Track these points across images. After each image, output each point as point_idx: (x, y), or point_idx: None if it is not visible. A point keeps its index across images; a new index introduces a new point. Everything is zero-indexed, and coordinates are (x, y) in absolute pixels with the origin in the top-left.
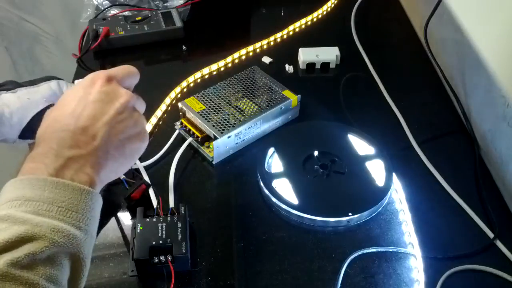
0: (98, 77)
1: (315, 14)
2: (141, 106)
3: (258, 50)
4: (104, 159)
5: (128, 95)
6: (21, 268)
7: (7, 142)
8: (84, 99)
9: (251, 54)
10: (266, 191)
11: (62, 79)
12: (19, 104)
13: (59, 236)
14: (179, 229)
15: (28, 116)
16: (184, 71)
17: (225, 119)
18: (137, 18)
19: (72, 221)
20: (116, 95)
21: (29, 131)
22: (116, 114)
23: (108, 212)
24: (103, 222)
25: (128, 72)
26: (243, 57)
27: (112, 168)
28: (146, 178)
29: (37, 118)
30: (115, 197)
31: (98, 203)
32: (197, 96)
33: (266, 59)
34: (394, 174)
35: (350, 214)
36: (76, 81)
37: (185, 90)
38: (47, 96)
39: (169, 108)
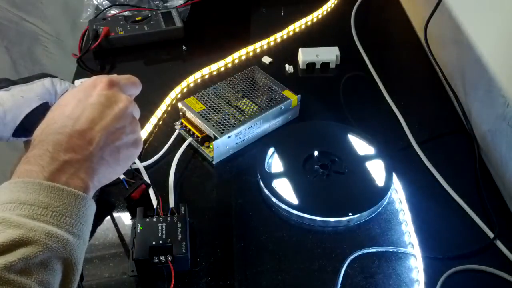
0: (100, 80)
1: (315, 14)
2: (137, 113)
3: (258, 50)
4: (99, 165)
5: (128, 100)
6: (14, 272)
7: (0, 140)
8: (84, 101)
9: (251, 54)
10: (266, 191)
11: (56, 77)
12: (12, 102)
13: (53, 241)
14: (179, 229)
15: (22, 114)
16: (184, 71)
17: (225, 119)
18: (137, 18)
19: (66, 226)
20: (116, 100)
21: (23, 129)
22: (114, 119)
23: (108, 212)
24: (103, 222)
25: (131, 82)
26: (243, 57)
27: (105, 173)
28: (146, 178)
29: (31, 116)
30: (115, 197)
31: (91, 208)
32: (197, 96)
33: (266, 59)
34: (394, 174)
35: (350, 214)
36: (76, 81)
37: (185, 90)
38: (40, 94)
39: (169, 108)
